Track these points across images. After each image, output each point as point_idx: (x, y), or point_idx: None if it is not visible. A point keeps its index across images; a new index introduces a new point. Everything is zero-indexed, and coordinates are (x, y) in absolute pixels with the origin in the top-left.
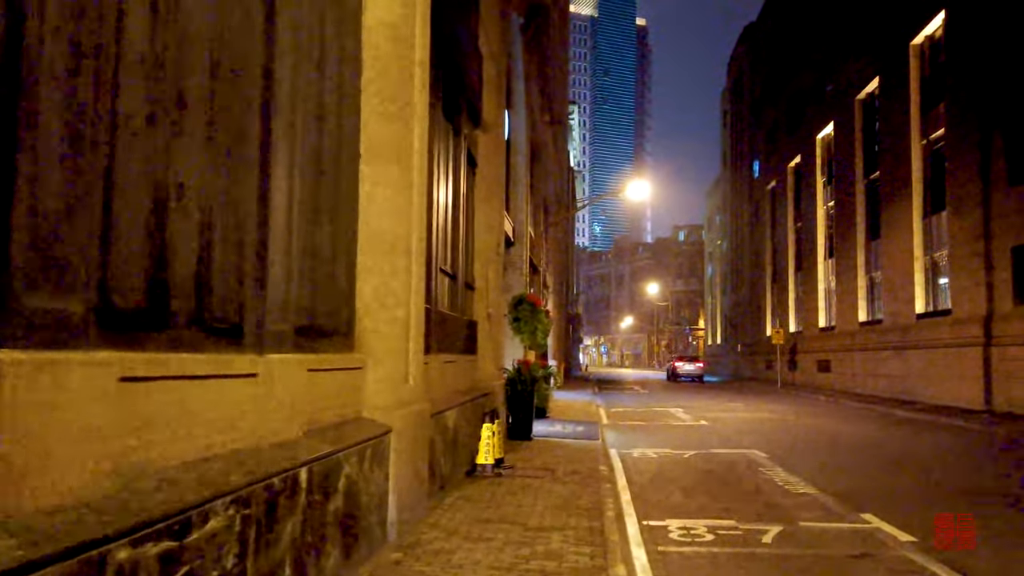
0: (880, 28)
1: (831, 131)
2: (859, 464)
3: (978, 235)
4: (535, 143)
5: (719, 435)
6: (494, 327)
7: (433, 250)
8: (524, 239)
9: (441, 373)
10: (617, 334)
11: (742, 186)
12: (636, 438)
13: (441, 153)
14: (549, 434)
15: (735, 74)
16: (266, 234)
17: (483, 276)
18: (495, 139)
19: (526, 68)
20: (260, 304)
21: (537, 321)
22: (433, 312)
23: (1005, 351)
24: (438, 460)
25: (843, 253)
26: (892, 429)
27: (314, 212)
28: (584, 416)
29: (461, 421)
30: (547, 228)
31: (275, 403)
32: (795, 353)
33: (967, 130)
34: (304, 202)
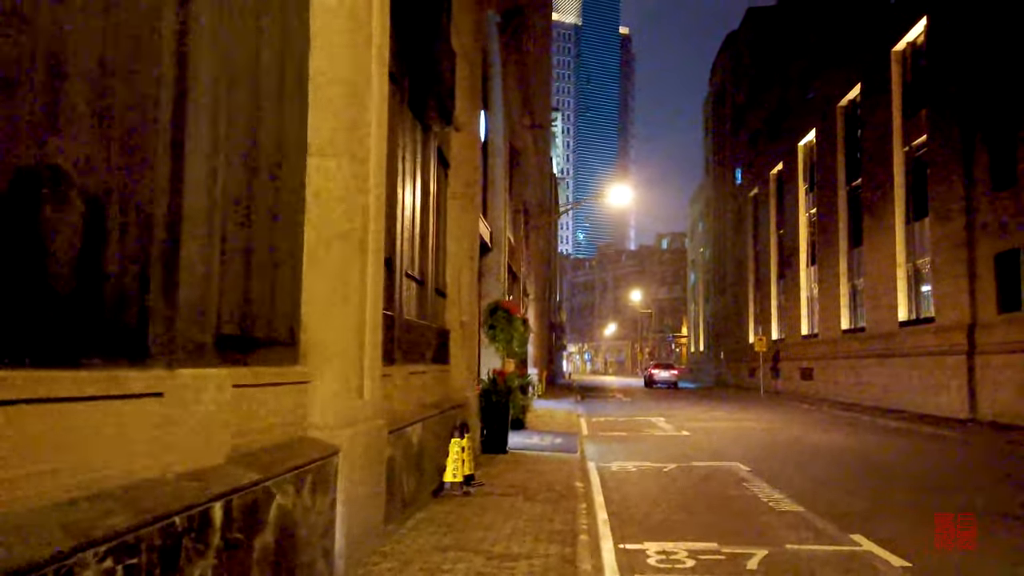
0: (862, 35)
1: (813, 138)
2: (845, 478)
3: (961, 242)
4: (514, 146)
5: (701, 446)
6: (468, 336)
7: (397, 253)
8: (502, 244)
9: (406, 385)
10: (601, 341)
11: (725, 193)
12: (616, 450)
13: (408, 150)
14: (526, 447)
15: (717, 82)
16: (178, 231)
17: (456, 282)
18: (469, 139)
19: (504, 69)
20: (170, 311)
21: (513, 329)
22: (397, 320)
23: (989, 359)
24: (399, 480)
25: (826, 260)
26: (876, 439)
27: (249, 207)
28: (564, 427)
29: (428, 436)
30: (528, 234)
31: (189, 426)
32: (778, 361)
33: (950, 136)
34: (235, 196)
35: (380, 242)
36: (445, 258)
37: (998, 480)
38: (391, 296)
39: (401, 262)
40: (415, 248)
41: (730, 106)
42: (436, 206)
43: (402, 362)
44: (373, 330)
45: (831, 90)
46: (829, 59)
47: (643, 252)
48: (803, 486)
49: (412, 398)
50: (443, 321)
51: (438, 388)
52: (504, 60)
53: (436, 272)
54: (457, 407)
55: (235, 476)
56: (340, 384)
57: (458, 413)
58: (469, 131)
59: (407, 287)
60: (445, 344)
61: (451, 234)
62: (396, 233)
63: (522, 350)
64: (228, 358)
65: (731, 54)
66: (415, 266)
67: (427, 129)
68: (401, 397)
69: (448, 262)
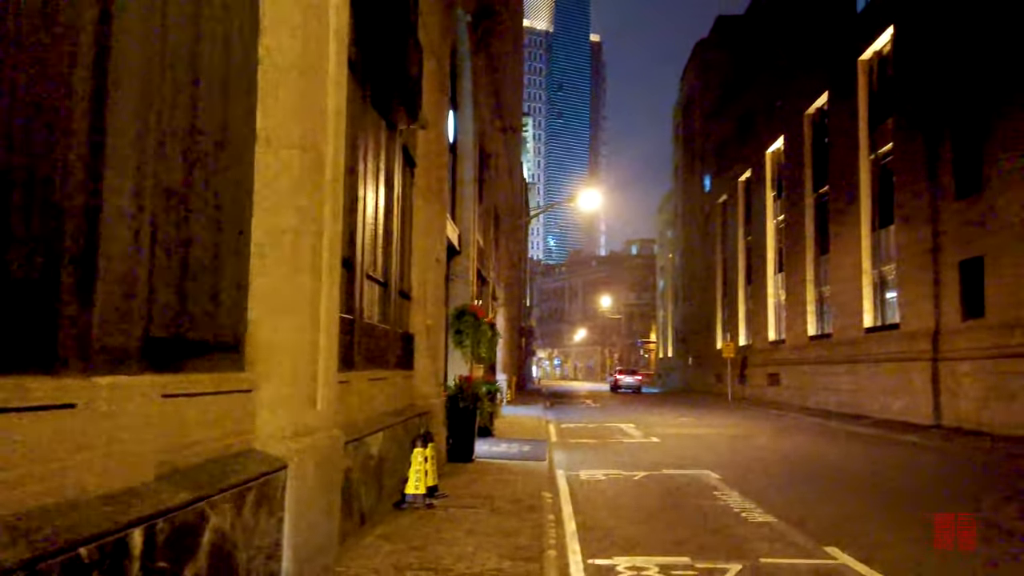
0: (829, 44)
1: (781, 146)
2: (816, 486)
3: (926, 249)
4: (485, 149)
5: (671, 454)
6: (434, 340)
7: (358, 253)
8: (471, 248)
9: (366, 392)
10: (570, 347)
11: (693, 200)
12: (585, 457)
13: (371, 147)
14: (493, 455)
15: (687, 89)
16: (96, 222)
17: (421, 285)
18: (437, 138)
19: (475, 69)
20: (84, 313)
21: (481, 334)
22: (357, 323)
23: (954, 366)
24: (357, 493)
25: (793, 267)
26: (845, 446)
27: (187, 199)
28: (532, 433)
29: (390, 446)
30: (498, 238)
31: (108, 441)
32: (745, 366)
33: (915, 145)
34: (170, 186)
35: (337, 241)
36: (410, 260)
37: (971, 488)
38: (351, 298)
39: (362, 263)
40: (378, 249)
41: (699, 113)
42: (401, 206)
43: (362, 368)
44: (329, 334)
45: (799, 98)
46: (797, 67)
47: (613, 258)
48: (774, 495)
49: (373, 406)
50: (407, 325)
51: (401, 395)
52: (474, 61)
53: (400, 274)
54: (421, 415)
55: (162, 496)
56: (291, 392)
57: (422, 421)
58: (436, 130)
59: (368, 289)
60: (409, 349)
61: (417, 235)
62: (357, 233)
63: (490, 355)
64: (159, 364)
65: (700, 62)
66: (377, 268)
67: (392, 127)
68: (361, 405)
69: (414, 264)
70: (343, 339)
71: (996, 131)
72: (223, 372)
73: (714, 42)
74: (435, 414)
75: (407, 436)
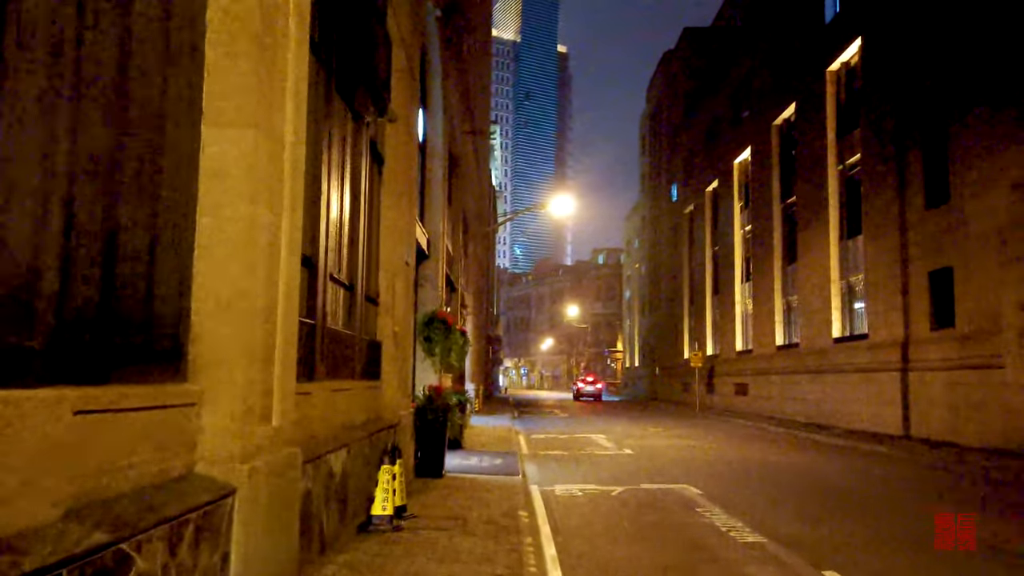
0: (797, 55)
1: (748, 156)
2: (799, 502)
3: (895, 259)
4: (454, 151)
5: (646, 466)
6: (402, 348)
7: (321, 252)
8: (440, 253)
9: (329, 404)
10: (537, 356)
11: (660, 210)
12: (559, 471)
13: (336, 139)
14: (464, 469)
15: (654, 100)
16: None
17: (390, 289)
18: (406, 135)
19: (444, 69)
20: None
21: (451, 342)
22: (320, 329)
23: (923, 376)
24: (318, 517)
25: (760, 277)
26: (819, 457)
27: (114, 179)
28: (503, 445)
29: (355, 463)
30: (467, 244)
31: None
32: (713, 376)
33: (884, 155)
34: (92, 162)
35: (297, 235)
36: (378, 263)
37: (957, 507)
38: (313, 302)
39: (325, 264)
40: (343, 249)
41: (666, 123)
42: (368, 205)
43: (325, 378)
44: (286, 340)
45: (766, 109)
46: (764, 78)
47: (580, 267)
48: (759, 512)
49: (336, 419)
50: (375, 332)
51: (367, 406)
52: (444, 60)
53: (367, 277)
54: (389, 428)
55: (72, 538)
56: (241, 406)
57: (390, 435)
58: (406, 126)
59: (333, 293)
60: (376, 357)
61: (385, 236)
62: (320, 230)
63: (460, 364)
64: (74, 375)
65: (667, 72)
66: (342, 269)
67: (358, 118)
68: (323, 418)
69: (381, 267)
70: (304, 346)
71: (961, 140)
72: (160, 383)
73: (681, 53)
74: (403, 427)
75: (374, 451)
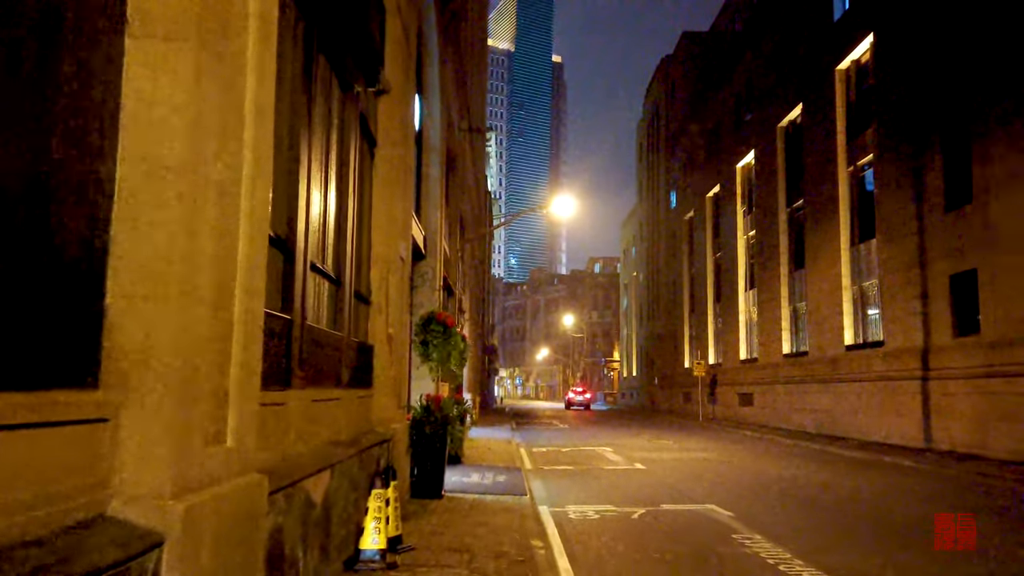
0: (803, 55)
1: (752, 160)
2: (842, 524)
3: (912, 263)
4: (452, 148)
5: (662, 483)
6: (397, 353)
7: (300, 235)
8: (437, 252)
9: (309, 417)
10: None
11: (659, 217)
12: (568, 489)
13: (319, 105)
14: (465, 487)
15: (651, 106)
16: None
17: (383, 286)
18: (401, 116)
19: (441, 54)
20: None
21: (451, 346)
22: (298, 326)
23: (946, 385)
24: (292, 559)
25: (765, 283)
26: (843, 471)
27: None
28: (505, 459)
29: (340, 486)
30: (464, 249)
31: None
32: (715, 386)
33: (899, 154)
34: None
35: (264, 205)
36: (369, 256)
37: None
38: (288, 294)
39: (305, 250)
40: (328, 236)
41: (664, 129)
42: (358, 190)
43: (305, 385)
44: (248, 336)
45: (771, 111)
46: (769, 80)
47: (575, 276)
48: (805, 539)
49: (319, 435)
50: (365, 334)
51: (357, 419)
52: (441, 46)
53: (356, 272)
54: (381, 443)
55: None
56: (178, 421)
57: (382, 451)
58: (401, 105)
59: (315, 285)
60: (368, 362)
61: (378, 227)
62: (299, 208)
63: (461, 370)
64: None
65: (665, 78)
66: (327, 259)
67: (347, 88)
68: (301, 434)
69: (373, 262)
70: (276, 346)
71: (988, 136)
72: (58, 391)
73: (679, 58)
74: (398, 441)
75: (363, 471)
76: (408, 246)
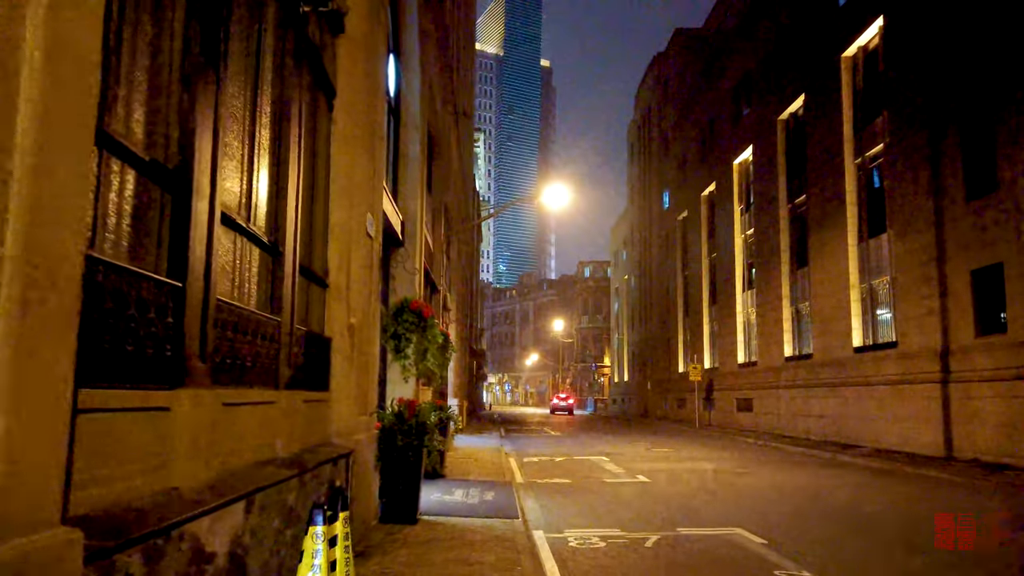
0: (805, 44)
1: (750, 156)
2: (892, 553)
3: (930, 258)
4: (434, 130)
5: (672, 500)
6: (362, 348)
7: (199, 165)
8: (417, 240)
9: (218, 428)
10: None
11: (651, 218)
12: (565, 507)
13: (243, 23)
14: (446, 508)
15: (643, 106)
16: None
17: (343, 266)
18: (367, 66)
19: (422, 24)
20: None
21: (428, 340)
22: (196, 300)
23: (968, 388)
24: None
25: (765, 283)
26: (867, 483)
27: None
28: (493, 471)
29: (264, 523)
30: (449, 245)
31: None
32: (711, 391)
33: (914, 143)
34: None
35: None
36: (326, 227)
37: None
38: (180, 250)
39: (212, 192)
40: (257, 188)
41: (657, 128)
42: (309, 143)
43: (213, 384)
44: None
45: (770, 104)
46: (768, 72)
47: (565, 281)
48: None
49: (237, 452)
50: (320, 322)
51: (304, 430)
52: (421, 15)
53: (308, 245)
54: (337, 459)
55: None
56: None
57: (336, 470)
58: (367, 49)
59: (237, 249)
60: (322, 359)
61: (337, 195)
62: (197, 133)
63: (442, 371)
64: None
65: (658, 76)
66: (256, 216)
67: (290, 5)
68: (201, 451)
69: (332, 234)
70: (147, 323)
71: (1011, 121)
72: None
73: (672, 55)
74: (362, 457)
75: (304, 499)
76: (378, 222)
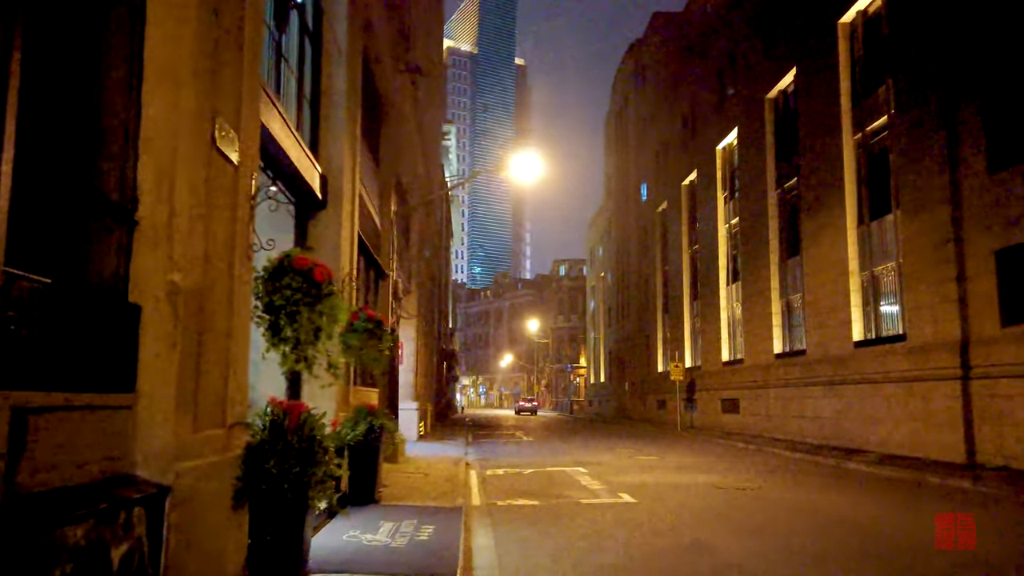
0: (797, 12)
1: (735, 139)
2: None
3: (945, 238)
4: (380, 83)
5: (674, 532)
6: (199, 321)
7: None
8: (346, 203)
9: None
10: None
11: (629, 212)
12: (531, 546)
13: None
14: (357, 555)
15: (620, 94)
16: None
17: (163, 188)
18: None
19: None
20: None
21: (327, 319)
22: None
23: (994, 386)
24: None
25: (752, 275)
26: (900, 502)
27: None
28: (443, 490)
29: None
30: (407, 225)
31: None
32: (694, 391)
33: (925, 112)
34: None
35: None
36: (135, 129)
37: None
38: None
39: None
40: None
41: (635, 118)
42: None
43: None
44: None
45: (758, 81)
46: (755, 48)
47: (540, 281)
48: None
49: None
50: (119, 280)
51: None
52: None
53: (86, 149)
54: (131, 505)
55: None
56: None
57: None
58: None
59: None
60: (121, 339)
61: (153, 73)
62: None
63: (377, 366)
64: None
65: (635, 63)
66: None
67: None
68: None
69: (144, 142)
70: None
71: None
72: None
73: (651, 40)
74: (197, 494)
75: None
76: (253, 139)
